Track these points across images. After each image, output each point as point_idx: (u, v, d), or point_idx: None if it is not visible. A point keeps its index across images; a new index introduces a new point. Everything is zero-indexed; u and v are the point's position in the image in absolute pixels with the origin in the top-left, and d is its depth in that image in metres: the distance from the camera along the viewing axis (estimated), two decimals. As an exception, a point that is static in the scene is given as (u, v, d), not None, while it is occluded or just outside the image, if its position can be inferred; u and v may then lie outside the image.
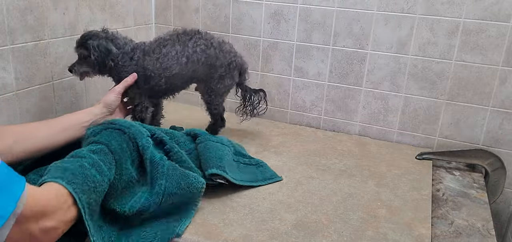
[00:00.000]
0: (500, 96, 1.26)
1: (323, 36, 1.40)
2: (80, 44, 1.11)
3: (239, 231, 0.88)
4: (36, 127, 0.93)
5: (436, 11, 1.26)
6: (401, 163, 1.25)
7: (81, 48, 1.10)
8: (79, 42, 1.11)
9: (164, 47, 1.15)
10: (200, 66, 1.18)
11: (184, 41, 1.17)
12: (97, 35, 1.10)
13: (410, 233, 0.91)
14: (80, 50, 1.11)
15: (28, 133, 0.90)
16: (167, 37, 1.18)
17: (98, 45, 1.09)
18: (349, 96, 1.44)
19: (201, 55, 1.17)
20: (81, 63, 1.12)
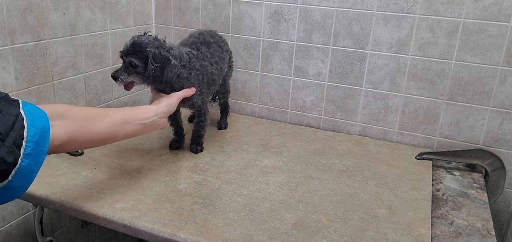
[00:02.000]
0: (500, 96, 1.26)
1: (323, 36, 1.40)
2: (132, 52, 1.02)
3: (239, 231, 0.88)
4: (99, 114, 0.89)
5: (436, 11, 1.26)
6: (401, 163, 1.25)
7: (132, 55, 1.02)
8: (130, 49, 1.02)
9: (209, 50, 1.19)
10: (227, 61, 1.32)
11: (218, 41, 1.25)
12: (153, 43, 1.03)
13: (410, 233, 0.91)
14: (131, 58, 1.02)
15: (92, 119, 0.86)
16: (204, 39, 1.22)
17: (158, 54, 1.01)
18: (349, 96, 1.44)
19: (227, 51, 1.31)
20: (129, 71, 1.04)
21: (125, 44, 1.04)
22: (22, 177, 0.66)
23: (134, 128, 0.94)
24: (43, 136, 0.70)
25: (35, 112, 0.71)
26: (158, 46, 1.02)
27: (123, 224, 0.90)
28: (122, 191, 1.01)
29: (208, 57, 1.18)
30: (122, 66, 1.04)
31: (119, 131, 0.91)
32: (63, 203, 0.95)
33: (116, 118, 0.91)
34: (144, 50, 1.01)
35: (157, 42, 1.04)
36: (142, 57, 1.01)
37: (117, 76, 1.04)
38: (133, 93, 1.59)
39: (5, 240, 1.16)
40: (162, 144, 1.30)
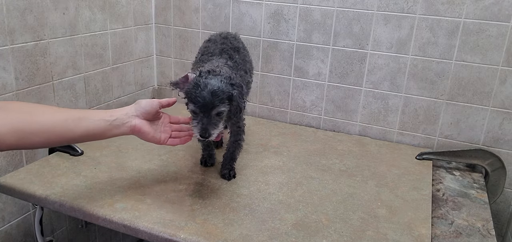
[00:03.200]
0: (500, 96, 1.26)
1: (323, 36, 1.40)
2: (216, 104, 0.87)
3: (239, 231, 0.88)
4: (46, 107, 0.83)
5: (436, 11, 1.26)
6: (401, 163, 1.25)
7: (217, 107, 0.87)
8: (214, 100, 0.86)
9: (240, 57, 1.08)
10: None
11: (243, 45, 1.15)
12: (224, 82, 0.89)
13: (410, 233, 0.91)
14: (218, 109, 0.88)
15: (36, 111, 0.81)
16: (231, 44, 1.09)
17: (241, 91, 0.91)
18: (349, 96, 1.44)
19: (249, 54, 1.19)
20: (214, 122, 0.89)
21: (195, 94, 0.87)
22: None
23: (93, 125, 0.85)
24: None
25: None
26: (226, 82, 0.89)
27: (123, 224, 0.90)
28: (122, 191, 1.01)
29: (242, 65, 1.05)
30: (206, 120, 0.88)
31: (73, 126, 0.82)
32: (63, 203, 0.95)
33: (69, 113, 0.84)
34: (228, 94, 0.88)
35: (223, 78, 0.89)
36: (226, 103, 0.89)
37: (210, 134, 0.88)
38: (133, 94, 1.59)
39: (5, 240, 1.16)
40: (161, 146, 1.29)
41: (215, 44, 1.08)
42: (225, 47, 1.06)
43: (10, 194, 1.03)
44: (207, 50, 1.08)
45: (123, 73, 1.51)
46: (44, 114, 0.81)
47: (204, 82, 0.87)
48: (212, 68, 0.91)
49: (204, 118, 0.87)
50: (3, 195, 1.09)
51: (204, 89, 0.86)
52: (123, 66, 1.51)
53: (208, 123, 0.88)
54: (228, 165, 1.09)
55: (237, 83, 0.90)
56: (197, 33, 1.57)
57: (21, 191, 1.00)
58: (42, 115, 0.80)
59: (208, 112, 0.87)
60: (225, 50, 1.05)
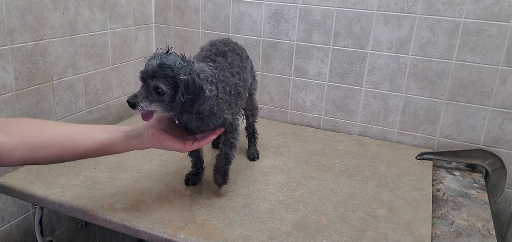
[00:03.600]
0: (500, 96, 1.26)
1: (323, 36, 1.40)
2: (160, 75, 0.81)
3: (239, 231, 0.88)
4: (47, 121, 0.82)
5: (436, 11, 1.25)
6: (402, 163, 1.25)
7: (160, 80, 0.81)
8: (157, 71, 0.81)
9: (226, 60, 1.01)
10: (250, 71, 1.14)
11: (234, 49, 1.07)
12: (184, 67, 0.83)
13: (410, 233, 0.91)
14: (157, 82, 0.81)
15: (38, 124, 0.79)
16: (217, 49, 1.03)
17: (192, 83, 0.82)
18: (349, 96, 1.44)
19: (247, 59, 1.12)
20: (152, 98, 0.82)
21: (147, 62, 0.84)
22: None
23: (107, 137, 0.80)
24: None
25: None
26: (190, 72, 0.83)
27: (123, 224, 0.90)
28: (122, 191, 1.01)
29: (227, 67, 0.99)
30: (143, 90, 0.83)
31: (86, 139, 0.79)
32: (62, 203, 0.95)
33: (82, 126, 0.81)
34: (175, 75, 0.81)
35: (188, 65, 0.84)
36: (171, 83, 0.81)
37: (136, 102, 0.82)
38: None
39: (5, 240, 1.16)
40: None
41: (202, 52, 1.05)
42: (208, 53, 1.02)
43: (10, 194, 1.03)
44: (198, 56, 1.05)
45: (123, 73, 1.51)
46: (55, 128, 0.79)
47: (162, 55, 0.83)
48: (187, 56, 0.87)
49: (142, 88, 0.83)
50: (3, 195, 1.08)
51: (156, 60, 0.82)
52: (123, 66, 1.50)
53: (142, 93, 0.82)
54: (220, 170, 1.00)
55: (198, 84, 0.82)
56: (197, 33, 1.57)
57: (21, 191, 1.00)
58: (53, 129, 0.79)
59: (147, 83, 0.82)
60: (208, 56, 1.00)
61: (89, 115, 1.38)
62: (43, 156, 0.76)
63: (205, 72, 0.87)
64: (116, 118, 1.51)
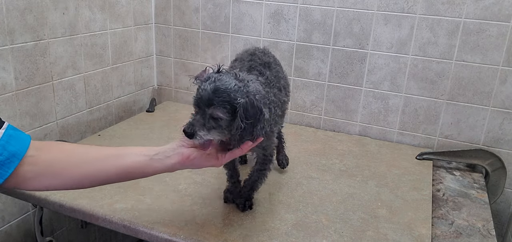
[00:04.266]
0: (500, 96, 1.26)
1: (323, 36, 1.40)
2: (218, 102, 0.74)
3: (239, 231, 0.88)
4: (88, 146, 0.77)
5: (436, 11, 1.25)
6: (402, 163, 1.25)
7: (217, 108, 0.74)
8: (213, 97, 0.74)
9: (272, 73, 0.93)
10: None
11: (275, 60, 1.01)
12: (241, 89, 0.75)
13: (410, 233, 0.91)
14: (215, 111, 0.74)
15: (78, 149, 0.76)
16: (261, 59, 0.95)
17: (251, 106, 0.74)
18: (349, 96, 1.43)
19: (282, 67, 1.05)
20: (209, 126, 0.76)
21: (200, 86, 0.77)
22: None
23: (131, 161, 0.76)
24: (9, 160, 0.65)
25: (16, 136, 0.67)
26: (247, 93, 0.75)
27: (123, 225, 0.90)
28: (122, 191, 1.01)
29: (275, 82, 0.91)
30: (199, 118, 0.76)
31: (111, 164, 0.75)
32: (62, 203, 0.95)
33: (108, 150, 0.78)
34: (232, 100, 0.74)
35: (244, 86, 0.76)
36: (229, 109, 0.74)
37: (194, 132, 0.75)
38: (133, 94, 1.59)
39: (5, 240, 1.16)
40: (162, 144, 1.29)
41: (241, 63, 0.95)
42: (253, 64, 0.92)
43: (10, 194, 1.03)
44: (240, 63, 0.96)
45: (123, 73, 1.51)
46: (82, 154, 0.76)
47: (215, 77, 0.76)
48: (240, 74, 0.78)
49: (198, 115, 0.77)
50: (3, 195, 1.08)
51: (210, 84, 0.75)
52: (123, 66, 1.50)
53: (199, 120, 0.76)
54: (246, 193, 0.96)
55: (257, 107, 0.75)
56: (197, 33, 1.57)
57: (21, 191, 1.00)
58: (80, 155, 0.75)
59: (203, 110, 0.76)
60: (253, 67, 0.91)
61: (89, 115, 1.38)
62: (67, 183, 0.75)
63: (261, 92, 0.79)
64: (116, 118, 1.51)
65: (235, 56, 1.02)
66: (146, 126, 1.43)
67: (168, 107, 1.64)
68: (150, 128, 1.42)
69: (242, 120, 0.73)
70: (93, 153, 0.77)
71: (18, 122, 1.13)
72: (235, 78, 0.76)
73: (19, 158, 0.66)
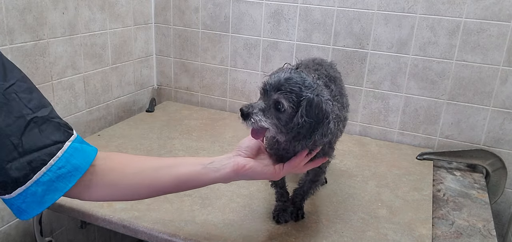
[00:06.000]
0: (501, 96, 1.25)
1: (324, 35, 1.40)
2: (286, 90, 0.72)
3: (239, 231, 0.88)
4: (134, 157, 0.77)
5: (436, 10, 1.25)
6: (402, 163, 1.25)
7: (283, 94, 0.72)
8: (283, 84, 0.72)
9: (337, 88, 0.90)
10: None
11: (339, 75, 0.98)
12: (313, 87, 0.73)
13: (410, 234, 0.90)
14: (280, 96, 0.72)
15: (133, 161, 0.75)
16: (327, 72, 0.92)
17: (316, 106, 0.71)
18: (350, 96, 1.42)
19: None
20: (269, 114, 0.73)
21: (274, 74, 0.74)
22: (26, 202, 0.60)
23: (186, 170, 0.74)
24: (71, 173, 0.63)
25: (82, 149, 0.65)
26: (318, 93, 0.72)
27: (123, 225, 0.89)
28: (121, 191, 1.00)
29: (338, 98, 0.88)
30: (261, 102, 0.74)
31: (165, 174, 0.74)
32: (62, 203, 0.95)
33: (162, 160, 0.78)
34: (300, 92, 0.71)
35: (318, 87, 0.74)
36: (295, 101, 0.71)
37: (250, 113, 0.73)
38: (132, 94, 1.59)
39: (4, 240, 1.16)
40: (162, 144, 1.29)
41: (307, 69, 0.89)
42: (320, 75, 0.88)
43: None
44: None
45: (122, 73, 1.51)
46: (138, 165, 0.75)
47: (291, 69, 0.74)
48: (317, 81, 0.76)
49: (260, 100, 0.74)
50: (2, 195, 1.08)
51: (283, 74, 0.72)
52: (123, 66, 1.50)
53: (259, 105, 0.73)
54: (298, 203, 0.94)
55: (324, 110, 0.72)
56: (197, 33, 1.57)
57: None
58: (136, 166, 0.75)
59: (268, 95, 0.73)
60: (319, 78, 0.85)
61: (88, 115, 1.38)
62: (121, 195, 0.74)
63: (331, 102, 0.75)
64: (116, 118, 1.51)
65: (299, 61, 0.97)
66: (145, 126, 1.43)
67: (168, 107, 1.64)
68: (149, 128, 1.41)
69: (303, 115, 0.70)
70: (149, 162, 0.76)
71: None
72: (312, 79, 0.74)
73: (82, 172, 0.65)
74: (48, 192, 0.61)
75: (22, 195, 0.59)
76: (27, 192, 0.59)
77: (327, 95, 0.76)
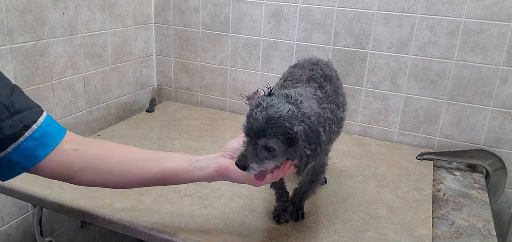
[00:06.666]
0: (501, 96, 1.26)
1: (324, 35, 1.40)
2: (271, 133, 0.69)
3: (239, 231, 0.88)
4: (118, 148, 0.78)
5: (436, 10, 1.25)
6: (402, 163, 1.25)
7: (269, 138, 0.70)
8: (266, 128, 0.70)
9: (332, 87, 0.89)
10: None
11: (336, 74, 0.96)
12: (295, 114, 0.70)
13: (410, 234, 0.90)
14: (267, 142, 0.70)
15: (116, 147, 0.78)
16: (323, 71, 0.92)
17: (310, 131, 0.70)
18: (350, 96, 1.43)
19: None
20: (261, 156, 0.72)
21: (252, 115, 0.72)
22: (23, 156, 0.67)
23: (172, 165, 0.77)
24: (58, 131, 0.70)
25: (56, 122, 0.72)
26: (303, 118, 0.70)
27: (123, 225, 0.89)
28: (121, 191, 1.00)
29: (334, 97, 0.87)
30: (251, 148, 0.72)
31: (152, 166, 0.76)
32: (62, 204, 0.95)
33: (151, 153, 0.79)
34: (286, 128, 0.69)
35: (298, 110, 0.71)
36: (283, 139, 0.70)
37: (247, 165, 0.72)
38: (132, 94, 1.59)
39: (4, 240, 1.16)
40: (162, 144, 1.29)
41: (302, 70, 0.92)
42: (315, 74, 0.89)
43: (10, 194, 1.03)
44: (292, 76, 0.92)
45: (122, 73, 1.51)
46: (125, 154, 0.78)
47: (267, 103, 0.71)
48: (292, 95, 0.74)
49: (249, 145, 0.72)
50: (3, 195, 1.08)
51: (262, 112, 0.70)
52: (123, 66, 1.50)
53: (251, 152, 0.72)
54: (297, 203, 0.94)
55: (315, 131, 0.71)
56: (196, 33, 1.57)
57: (21, 192, 1.00)
58: (124, 155, 0.78)
59: (254, 140, 0.71)
60: (314, 78, 0.87)
61: (88, 116, 1.38)
62: (108, 180, 0.76)
63: (315, 111, 0.75)
64: (116, 118, 1.51)
65: (296, 62, 0.98)
66: (145, 126, 1.43)
67: (167, 107, 1.64)
68: (149, 128, 1.41)
69: (305, 148, 0.69)
70: (137, 153, 0.79)
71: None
72: (287, 101, 0.71)
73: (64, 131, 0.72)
74: (39, 146, 0.68)
75: (18, 150, 0.66)
76: (21, 146, 0.66)
77: (311, 106, 0.75)
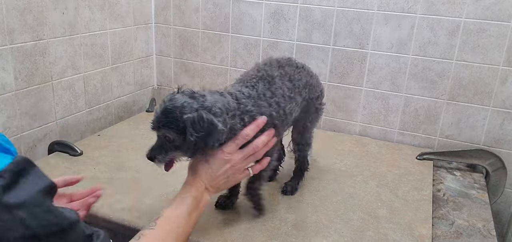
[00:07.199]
0: (501, 96, 1.26)
1: (323, 35, 1.40)
2: (165, 123, 0.76)
3: (239, 231, 0.88)
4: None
5: (436, 10, 1.25)
6: (402, 163, 1.25)
7: (165, 128, 0.76)
8: (161, 119, 0.77)
9: (270, 88, 0.90)
10: (304, 100, 0.98)
11: (288, 73, 0.94)
12: (190, 105, 0.76)
13: (410, 234, 0.90)
14: (164, 131, 0.77)
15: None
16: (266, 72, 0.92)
17: (199, 120, 0.75)
18: (350, 96, 1.43)
19: (307, 87, 0.98)
20: (166, 147, 0.79)
21: (155, 111, 0.80)
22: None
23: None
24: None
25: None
26: (197, 108, 0.76)
27: (123, 225, 0.89)
28: (122, 191, 1.00)
29: (267, 96, 0.88)
30: (157, 141, 0.80)
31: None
32: (62, 203, 0.95)
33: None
34: (179, 118, 0.75)
35: (195, 101, 0.77)
36: (179, 128, 0.75)
37: (154, 156, 0.80)
38: (132, 94, 1.59)
39: (4, 240, 1.16)
40: (162, 144, 1.29)
41: (253, 71, 0.94)
42: (255, 74, 0.92)
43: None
44: (241, 77, 0.95)
45: (122, 73, 1.51)
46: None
47: (168, 98, 0.78)
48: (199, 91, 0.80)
49: (158, 139, 0.80)
50: (2, 195, 1.08)
51: (161, 106, 0.78)
52: (123, 66, 1.50)
53: (157, 144, 0.80)
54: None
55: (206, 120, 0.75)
56: (197, 33, 1.57)
57: (20, 191, 0.99)
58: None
59: (156, 132, 0.79)
60: (252, 78, 0.91)
61: (88, 115, 1.38)
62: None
63: (217, 105, 0.78)
64: (116, 118, 1.51)
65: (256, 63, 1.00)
66: (146, 126, 1.43)
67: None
68: (149, 128, 1.41)
69: (192, 134, 0.74)
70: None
71: (18, 122, 1.13)
72: (190, 96, 0.77)
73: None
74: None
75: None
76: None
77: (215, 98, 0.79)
